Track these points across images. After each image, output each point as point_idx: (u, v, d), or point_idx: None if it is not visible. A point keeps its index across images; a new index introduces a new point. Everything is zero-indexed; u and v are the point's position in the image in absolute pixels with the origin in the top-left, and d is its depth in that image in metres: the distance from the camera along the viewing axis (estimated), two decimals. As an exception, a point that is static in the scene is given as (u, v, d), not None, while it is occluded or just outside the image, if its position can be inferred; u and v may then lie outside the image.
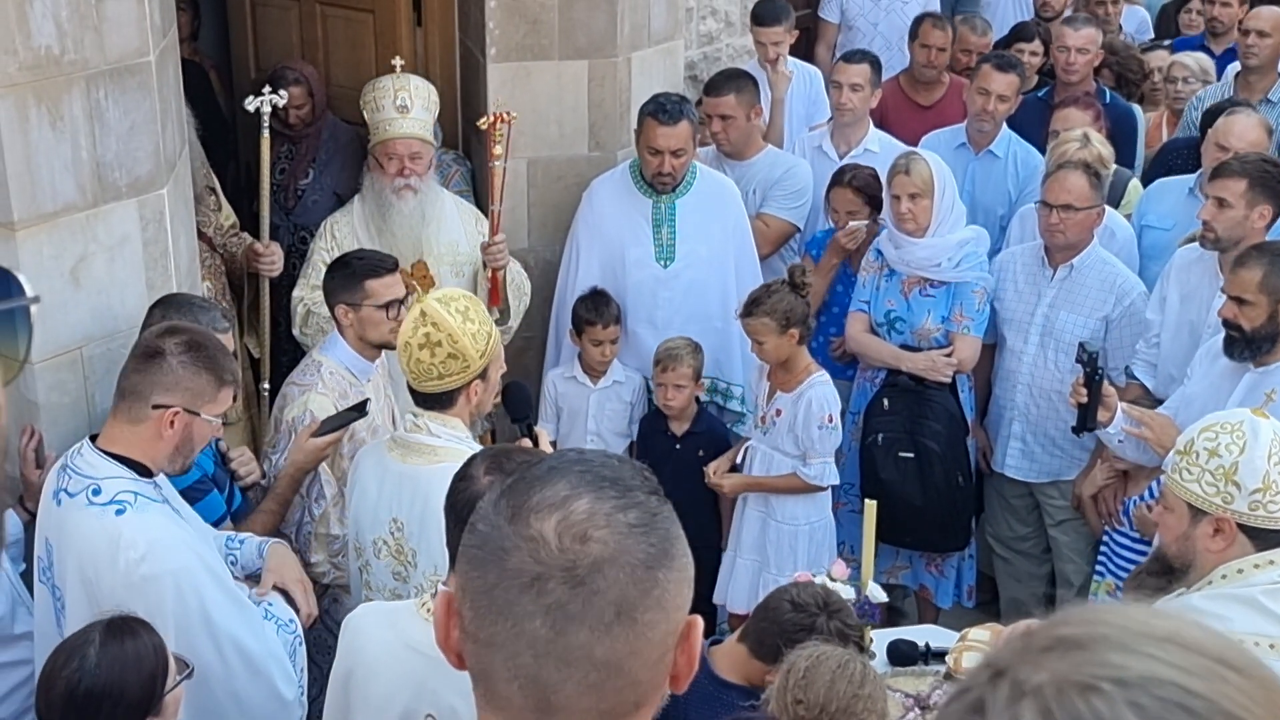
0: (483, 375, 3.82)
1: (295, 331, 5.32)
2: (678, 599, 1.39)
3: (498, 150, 5.21)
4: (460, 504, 2.90)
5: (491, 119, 5.20)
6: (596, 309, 5.55)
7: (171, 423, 3.43)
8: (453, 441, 3.81)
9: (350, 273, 4.56)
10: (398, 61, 5.33)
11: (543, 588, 1.33)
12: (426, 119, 5.23)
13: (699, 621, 1.44)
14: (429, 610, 2.95)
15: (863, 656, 3.28)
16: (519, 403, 4.28)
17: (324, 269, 5.22)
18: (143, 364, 3.46)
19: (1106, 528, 5.14)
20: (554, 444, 4.46)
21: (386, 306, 4.53)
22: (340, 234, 5.35)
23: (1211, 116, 6.15)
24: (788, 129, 6.70)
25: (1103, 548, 5.11)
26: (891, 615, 5.90)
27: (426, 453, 3.78)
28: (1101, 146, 5.63)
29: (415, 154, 5.18)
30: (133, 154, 3.99)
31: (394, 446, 3.85)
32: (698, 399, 5.60)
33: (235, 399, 5.21)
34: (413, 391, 3.86)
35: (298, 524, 4.44)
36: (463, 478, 2.96)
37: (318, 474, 4.43)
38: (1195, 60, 7.22)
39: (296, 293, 5.36)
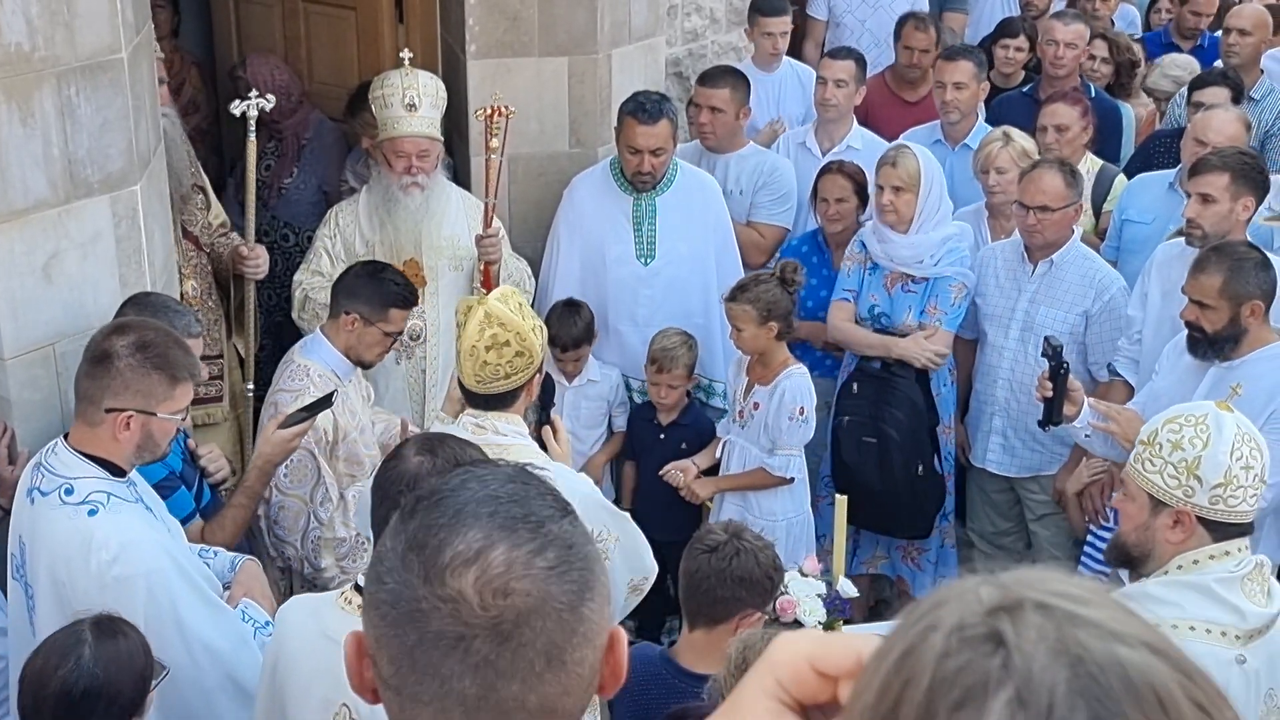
0: (540, 368, 3.86)
1: (294, 315, 5.34)
2: (601, 623, 1.38)
3: (494, 143, 5.22)
4: (387, 481, 2.92)
5: (489, 111, 5.21)
6: (562, 325, 5.48)
7: (127, 425, 3.40)
8: (519, 439, 3.84)
9: (383, 292, 4.56)
10: (406, 55, 5.31)
11: (468, 647, 1.30)
12: (434, 116, 5.22)
13: (621, 634, 1.42)
14: (347, 600, 2.97)
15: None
16: (544, 392, 4.30)
17: (325, 255, 5.27)
18: (92, 368, 3.42)
19: (1090, 525, 5.15)
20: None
21: (393, 334, 4.61)
22: (344, 222, 5.37)
23: (1201, 83, 6.20)
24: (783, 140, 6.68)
25: (1086, 545, 5.12)
26: (878, 607, 5.92)
27: (497, 452, 3.72)
28: (1024, 141, 5.69)
29: (424, 152, 5.19)
30: (105, 150, 3.99)
31: None
32: (688, 392, 5.62)
33: (221, 396, 5.30)
34: (470, 395, 3.85)
35: (304, 530, 4.46)
36: (393, 457, 2.99)
37: (321, 478, 4.44)
38: (1178, 66, 7.28)
39: (297, 276, 5.39)
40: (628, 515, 4.07)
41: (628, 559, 4.01)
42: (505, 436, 3.80)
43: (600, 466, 5.67)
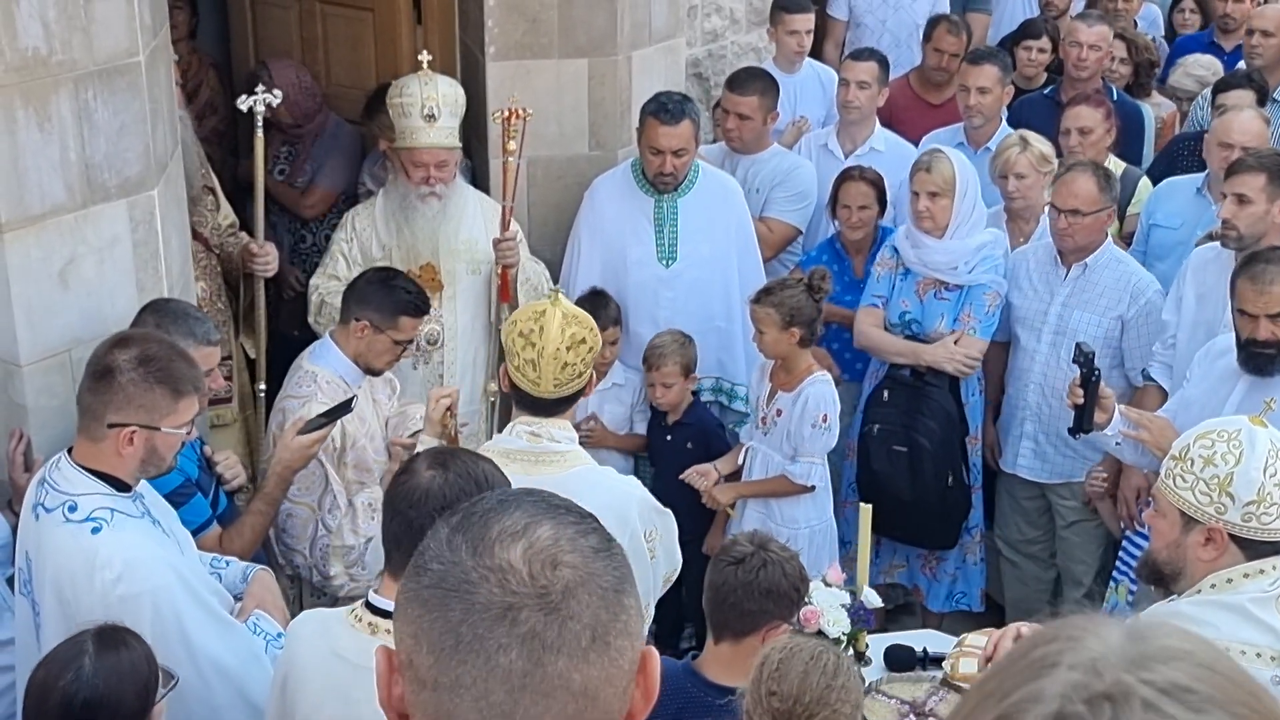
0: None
1: (310, 319, 5.31)
2: (638, 626, 1.37)
3: (511, 146, 5.18)
4: (397, 497, 2.89)
5: (506, 114, 5.17)
6: (594, 311, 5.47)
7: (130, 440, 3.34)
8: (572, 445, 3.82)
9: (394, 300, 4.53)
10: (425, 57, 5.25)
11: (516, 617, 1.28)
12: (453, 125, 5.18)
13: (655, 653, 1.41)
14: (357, 618, 2.92)
15: (836, 648, 3.24)
16: None
17: (341, 259, 5.24)
18: (94, 382, 3.37)
19: (1126, 530, 5.08)
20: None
21: (403, 343, 4.57)
22: (360, 226, 5.33)
23: (1224, 86, 6.13)
24: (804, 142, 6.64)
25: (1122, 551, 5.05)
26: (898, 612, 5.87)
27: (555, 460, 3.74)
28: (1041, 145, 5.63)
29: (442, 162, 5.16)
30: (122, 155, 3.96)
31: (509, 459, 3.58)
32: (695, 392, 5.57)
33: (230, 397, 5.26)
34: (535, 402, 3.79)
35: (312, 538, 4.44)
36: (404, 472, 2.95)
37: (329, 486, 4.42)
38: (1201, 65, 7.21)
39: (313, 281, 5.36)
40: (669, 511, 4.03)
41: (666, 554, 4.01)
42: (559, 443, 3.78)
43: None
